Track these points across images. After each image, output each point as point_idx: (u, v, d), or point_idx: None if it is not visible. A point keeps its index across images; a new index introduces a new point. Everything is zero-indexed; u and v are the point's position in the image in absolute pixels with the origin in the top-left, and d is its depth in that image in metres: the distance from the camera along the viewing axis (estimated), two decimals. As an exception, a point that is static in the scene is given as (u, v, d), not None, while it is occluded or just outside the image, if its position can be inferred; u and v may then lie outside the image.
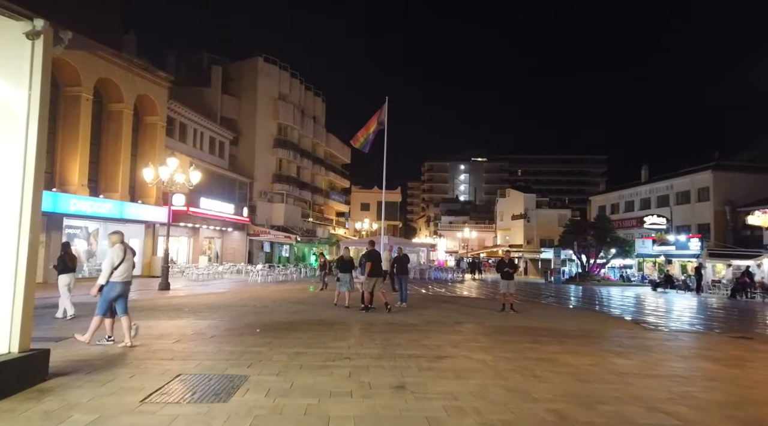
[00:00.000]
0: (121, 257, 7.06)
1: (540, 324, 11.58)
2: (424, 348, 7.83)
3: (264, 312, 12.19)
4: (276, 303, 14.44)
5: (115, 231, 7.45)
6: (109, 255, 7.06)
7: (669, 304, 21.38)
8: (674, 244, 37.24)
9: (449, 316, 12.35)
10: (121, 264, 7.05)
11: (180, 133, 30.87)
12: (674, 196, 44.07)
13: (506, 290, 14.08)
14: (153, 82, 26.39)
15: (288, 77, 42.62)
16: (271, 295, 17.12)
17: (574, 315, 14.80)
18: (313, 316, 11.58)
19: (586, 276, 36.85)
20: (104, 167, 24.34)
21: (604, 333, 10.73)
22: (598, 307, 18.46)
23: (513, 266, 14.33)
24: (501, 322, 11.62)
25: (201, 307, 12.90)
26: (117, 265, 7.02)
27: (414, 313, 12.72)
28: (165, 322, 9.93)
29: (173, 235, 31.94)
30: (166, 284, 19.17)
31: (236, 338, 8.30)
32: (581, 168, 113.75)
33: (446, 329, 10.07)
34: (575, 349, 8.32)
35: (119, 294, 7.14)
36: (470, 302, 17.23)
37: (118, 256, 7.05)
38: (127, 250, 7.24)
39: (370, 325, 10.27)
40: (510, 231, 63.69)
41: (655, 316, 15.69)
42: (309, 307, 13.47)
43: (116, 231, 7.46)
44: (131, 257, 7.31)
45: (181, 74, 40.33)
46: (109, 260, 7.02)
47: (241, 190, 37.00)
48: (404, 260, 15.04)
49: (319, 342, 8.08)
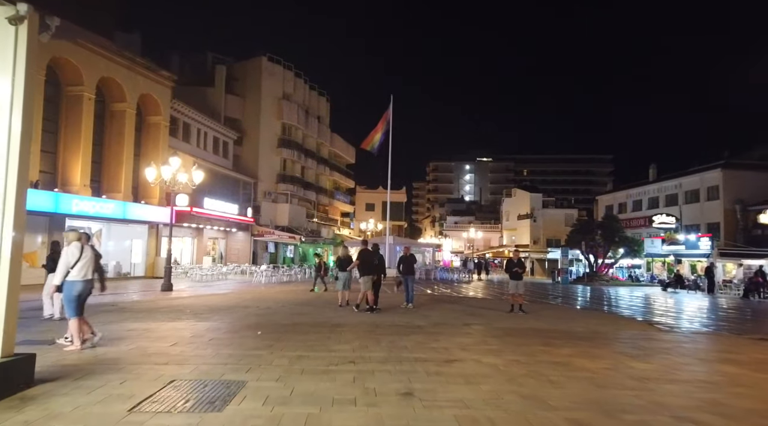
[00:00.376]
0: (76, 256, 6.79)
1: (551, 325, 11.21)
2: (432, 351, 7.48)
3: (266, 313, 11.89)
4: (279, 304, 14.13)
5: (72, 228, 7.17)
6: (64, 254, 6.79)
7: (681, 304, 20.92)
8: (684, 244, 36.69)
9: (457, 318, 11.99)
10: (77, 262, 6.78)
11: (183, 133, 30.66)
12: (683, 194, 43.51)
13: (515, 291, 13.71)
14: (156, 82, 26.18)
15: (292, 77, 42.37)
16: (274, 297, 16.82)
17: (584, 316, 14.40)
18: (316, 317, 11.26)
19: (594, 276, 36.35)
20: (107, 167, 24.14)
21: (617, 334, 10.33)
22: (609, 308, 18.04)
23: (522, 266, 13.97)
24: (510, 323, 11.26)
25: (203, 309, 12.61)
26: (73, 264, 6.75)
27: (420, 315, 12.38)
28: (164, 325, 9.63)
29: (177, 235, 31.80)
30: (168, 285, 18.94)
31: (236, 341, 7.98)
32: (587, 168, 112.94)
33: (454, 331, 9.72)
34: (590, 351, 7.95)
35: (81, 292, 6.87)
36: (478, 303, 16.87)
37: (74, 254, 6.78)
38: (84, 248, 6.95)
39: (375, 326, 9.94)
40: (516, 231, 63.18)
41: (669, 317, 15.26)
42: (313, 309, 13.15)
43: (73, 229, 7.17)
44: (89, 256, 7.01)
45: (185, 74, 40.16)
46: (63, 259, 6.75)
47: (245, 190, 36.77)
48: (411, 260, 14.68)
49: (322, 345, 7.75)
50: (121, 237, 25.93)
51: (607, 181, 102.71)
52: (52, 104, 21.20)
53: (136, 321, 9.99)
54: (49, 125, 21.06)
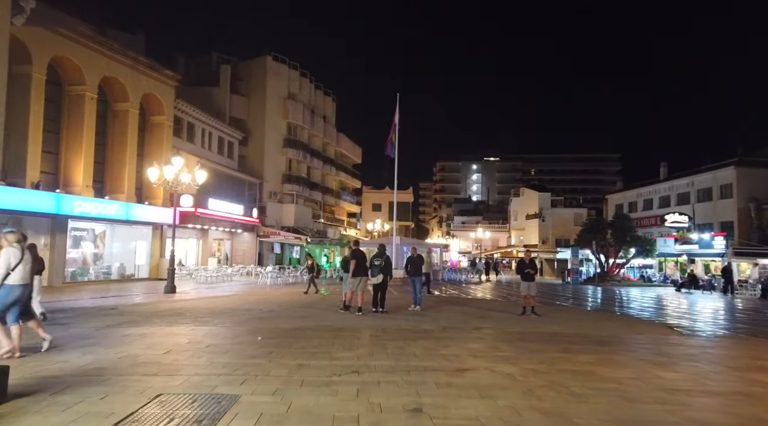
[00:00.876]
0: (18, 257, 6.32)
1: (566, 329, 10.68)
2: (442, 358, 7.00)
3: (269, 317, 11.45)
4: (283, 307, 13.69)
5: (12, 230, 6.63)
6: (4, 256, 6.26)
7: (698, 305, 20.26)
8: (697, 243, 35.91)
9: (466, 321, 11.49)
10: (18, 265, 6.32)
11: (188, 133, 30.35)
12: (695, 193, 42.70)
13: (527, 292, 13.19)
14: (159, 81, 25.86)
15: (297, 76, 41.99)
16: (278, 299, 16.39)
17: (600, 318, 13.83)
18: (321, 321, 10.80)
19: (606, 276, 35.63)
20: (110, 168, 23.84)
21: (638, 339, 9.79)
22: (624, 310, 17.44)
23: (534, 267, 13.44)
24: (523, 327, 10.74)
25: (203, 312, 12.19)
26: (14, 266, 6.28)
27: (428, 318, 11.89)
28: (161, 330, 9.21)
29: (182, 237, 31.55)
30: (171, 287, 18.58)
31: (234, 348, 7.53)
32: (595, 167, 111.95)
33: (465, 336, 9.23)
34: (611, 358, 7.43)
35: (17, 298, 6.37)
36: (487, 305, 16.35)
37: (15, 256, 6.29)
38: (25, 250, 6.50)
39: (382, 331, 9.47)
40: (524, 231, 62.49)
41: (688, 319, 14.66)
42: (317, 312, 12.70)
43: (12, 230, 6.63)
44: (30, 259, 6.57)
45: (190, 75, 39.96)
46: (4, 261, 6.21)
47: (250, 190, 36.42)
48: (418, 261, 14.19)
49: (325, 352, 7.29)
50: (125, 238, 25.63)
51: (615, 180, 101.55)
52: (54, 104, 20.91)
53: (133, 325, 9.58)
54: (51, 125, 20.77)
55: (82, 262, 23.03)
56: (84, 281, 22.33)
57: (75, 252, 22.64)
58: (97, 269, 23.60)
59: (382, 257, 13.02)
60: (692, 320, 14.54)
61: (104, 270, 23.99)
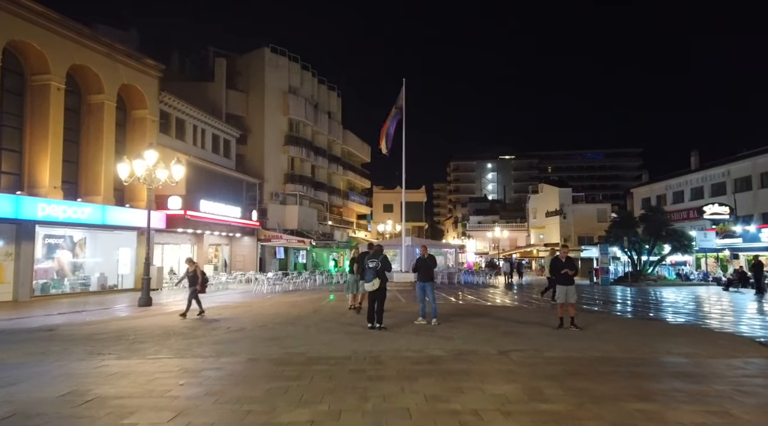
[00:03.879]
0: None
1: (625, 350, 7.82)
2: (452, 419, 4.25)
3: (230, 340, 8.80)
4: (260, 323, 11.03)
5: None
6: None
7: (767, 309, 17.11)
8: (741, 236, 32.44)
9: (488, 340, 8.69)
10: None
11: (177, 130, 27.98)
12: (732, 183, 39.23)
13: (564, 300, 10.33)
14: (140, 71, 23.50)
15: (298, 69, 39.49)
16: (264, 311, 13.76)
17: (657, 330, 10.88)
18: (292, 346, 8.11)
19: (639, 275, 32.31)
20: (84, 167, 21.49)
21: (736, 365, 6.87)
22: (679, 316, 14.40)
23: (572, 266, 10.52)
24: (566, 348, 7.91)
25: (153, 333, 9.62)
26: None
27: (438, 336, 9.12)
28: (63, 366, 6.60)
29: (172, 242, 29.18)
30: (147, 300, 16.28)
31: (129, 402, 4.86)
32: (615, 162, 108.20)
33: (488, 368, 6.45)
34: (727, 410, 4.59)
35: None
36: (513, 314, 13.48)
37: None
38: None
39: (370, 362, 6.74)
40: (545, 229, 59.17)
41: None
42: (300, 329, 10.03)
43: None
44: None
45: (186, 71, 37.88)
46: None
47: (249, 191, 33.95)
48: (429, 263, 11.38)
49: (270, 403, 4.61)
50: (107, 246, 23.29)
51: (637, 175, 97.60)
52: (14, 95, 18.62)
53: (28, 357, 7.00)
54: (11, 119, 18.49)
55: (56, 273, 20.66)
56: (57, 294, 19.92)
57: (48, 262, 20.30)
58: (73, 281, 21.23)
59: (377, 258, 10.32)
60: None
61: (82, 281, 21.60)
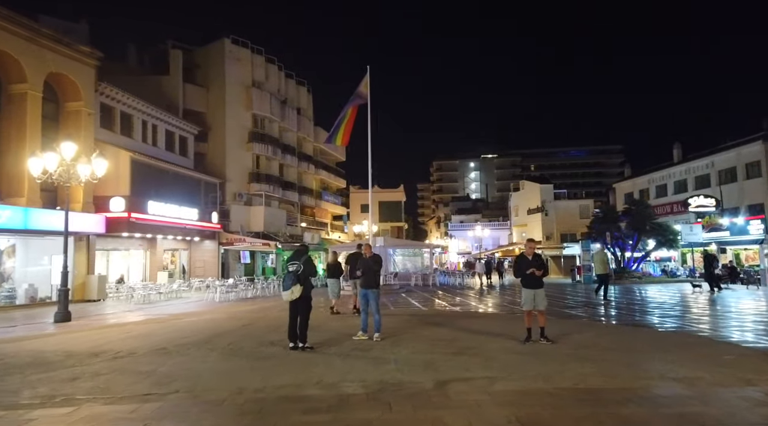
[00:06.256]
0: None
1: (605, 376, 5.86)
2: None
3: (98, 372, 6.66)
4: (168, 342, 8.88)
5: None
6: None
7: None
8: (728, 229, 31.00)
9: (430, 364, 6.68)
10: None
11: (122, 125, 25.60)
12: (716, 174, 37.94)
13: (532, 306, 8.38)
14: (72, 59, 21.14)
15: (263, 62, 37.22)
16: (190, 326, 11.60)
17: (649, 342, 8.95)
18: (172, 378, 6.02)
19: (624, 272, 30.67)
20: (3, 166, 19.10)
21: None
22: (674, 321, 12.52)
23: (541, 266, 8.55)
24: (529, 374, 5.92)
25: (18, 363, 7.44)
26: None
27: (371, 358, 7.10)
28: None
29: (122, 248, 26.76)
30: (64, 315, 14.09)
31: None
32: (598, 159, 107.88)
33: (403, 420, 4.41)
34: None
35: None
36: (479, 323, 11.49)
37: None
38: None
39: (251, 407, 4.67)
40: (527, 227, 57.50)
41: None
42: (201, 354, 7.94)
43: None
44: None
45: (146, 66, 35.48)
46: None
47: (210, 192, 31.59)
48: (373, 266, 9.36)
49: None
50: (40, 253, 20.97)
51: (619, 172, 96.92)
52: None
53: None
54: None
55: (-29, 286, 18.28)
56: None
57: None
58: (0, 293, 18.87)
59: (299, 260, 8.25)
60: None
61: (6, 294, 19.19)
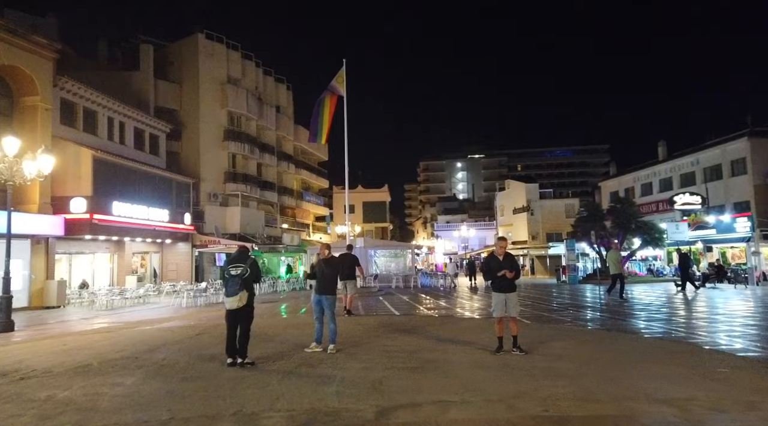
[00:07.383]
0: None
1: (583, 398, 4.94)
2: None
3: (12, 394, 5.59)
4: (93, 358, 7.81)
5: None
6: None
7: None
8: (714, 227, 30.47)
9: (378, 384, 5.71)
10: None
11: (85, 122, 24.34)
12: (701, 172, 37.49)
13: (502, 312, 7.44)
14: (27, 51, 19.90)
15: (239, 58, 36.06)
16: (136, 336, 10.51)
17: (634, 352, 8.07)
18: (59, 411, 4.98)
19: (608, 272, 29.97)
20: (-51, 163, 17.80)
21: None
22: (661, 326, 11.67)
23: (512, 266, 7.59)
24: (493, 396, 4.97)
25: None
26: None
27: (315, 376, 6.11)
28: None
29: (87, 251, 25.46)
30: (7, 324, 13.04)
31: None
32: (584, 159, 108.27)
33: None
34: None
35: None
36: (449, 330, 10.54)
37: None
38: None
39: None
40: (512, 227, 56.87)
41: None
42: (122, 376, 6.88)
43: None
44: None
45: (118, 62, 34.21)
46: None
47: (183, 192, 30.37)
48: (328, 269, 8.37)
49: None
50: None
51: (605, 171, 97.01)
52: None
53: None
54: None
55: None
56: None
57: None
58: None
59: (244, 263, 7.26)
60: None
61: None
